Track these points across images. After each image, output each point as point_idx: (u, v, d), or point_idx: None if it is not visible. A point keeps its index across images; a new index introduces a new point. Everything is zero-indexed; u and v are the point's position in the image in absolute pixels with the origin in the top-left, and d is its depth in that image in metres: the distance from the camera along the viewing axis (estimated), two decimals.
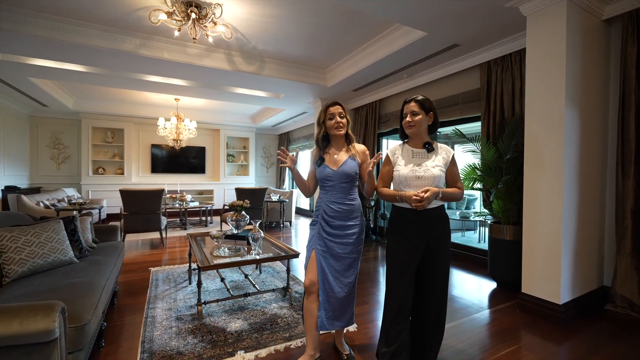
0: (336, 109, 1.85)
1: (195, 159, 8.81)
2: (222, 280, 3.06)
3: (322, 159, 1.88)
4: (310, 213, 8.49)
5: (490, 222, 3.42)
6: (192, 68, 4.33)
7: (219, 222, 6.78)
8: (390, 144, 5.86)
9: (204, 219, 7.32)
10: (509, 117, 3.38)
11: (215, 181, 9.01)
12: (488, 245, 3.38)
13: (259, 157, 10.05)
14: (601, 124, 2.78)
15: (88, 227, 2.90)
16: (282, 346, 2.05)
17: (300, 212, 8.92)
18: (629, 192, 2.59)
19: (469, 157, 3.66)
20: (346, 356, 1.91)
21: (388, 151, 1.80)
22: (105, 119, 7.60)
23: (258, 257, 2.57)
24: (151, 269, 3.68)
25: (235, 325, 2.33)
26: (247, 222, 3.03)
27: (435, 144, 1.72)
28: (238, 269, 3.59)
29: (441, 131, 4.95)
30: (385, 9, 2.85)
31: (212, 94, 5.93)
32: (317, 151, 1.94)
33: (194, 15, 3.07)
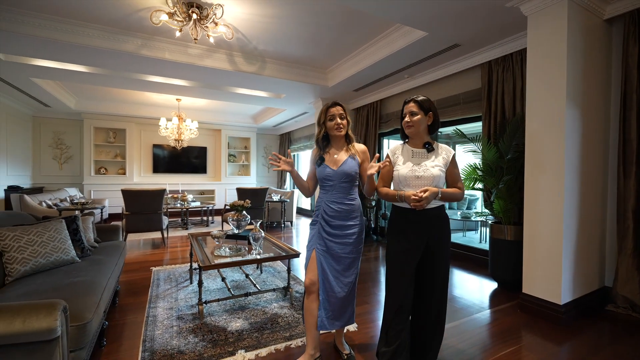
0: (336, 110, 1.85)
1: (196, 159, 8.83)
2: (223, 279, 3.07)
3: (322, 158, 1.89)
4: (311, 213, 8.49)
5: (491, 222, 3.42)
6: (194, 68, 4.35)
7: (220, 222, 6.80)
8: (391, 144, 5.86)
9: (205, 218, 7.33)
10: (510, 117, 3.37)
11: (217, 181, 9.03)
12: (489, 245, 3.38)
13: (260, 157, 10.05)
14: (602, 123, 2.78)
15: (90, 226, 2.92)
16: (282, 345, 2.06)
17: (302, 212, 8.92)
18: (630, 192, 2.58)
19: (470, 157, 3.66)
20: (346, 356, 1.91)
21: (388, 151, 1.81)
22: (107, 119, 7.63)
23: (259, 256, 2.57)
24: (152, 268, 3.70)
25: (236, 324, 2.34)
26: (248, 222, 3.04)
27: (436, 144, 1.72)
28: (239, 268, 3.60)
29: (442, 131, 4.95)
30: (386, 9, 2.85)
31: (214, 94, 5.95)
32: (317, 151, 1.94)
33: (195, 16, 3.08)
